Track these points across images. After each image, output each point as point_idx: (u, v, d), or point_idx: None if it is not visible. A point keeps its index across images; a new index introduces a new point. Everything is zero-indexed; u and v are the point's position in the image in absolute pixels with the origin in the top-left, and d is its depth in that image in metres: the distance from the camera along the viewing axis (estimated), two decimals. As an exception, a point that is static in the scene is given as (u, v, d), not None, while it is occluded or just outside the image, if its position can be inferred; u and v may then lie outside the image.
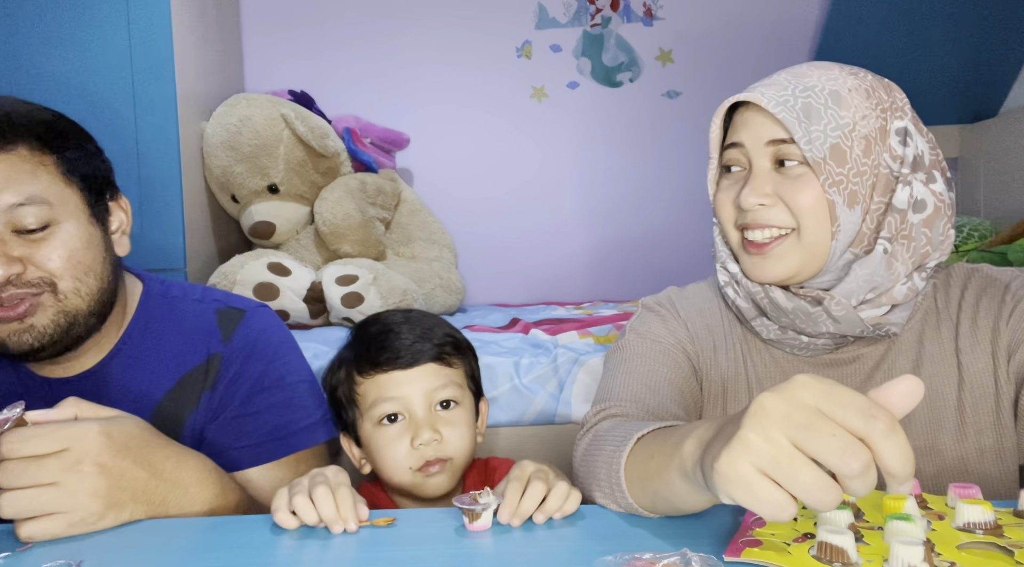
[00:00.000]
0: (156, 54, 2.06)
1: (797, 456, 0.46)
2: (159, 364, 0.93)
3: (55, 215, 0.81)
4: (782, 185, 0.80)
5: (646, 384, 0.86)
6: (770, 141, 0.80)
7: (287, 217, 2.30)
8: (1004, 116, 2.49)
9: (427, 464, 0.95)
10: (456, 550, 0.64)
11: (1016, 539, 0.58)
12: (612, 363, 0.92)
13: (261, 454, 0.93)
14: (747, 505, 0.48)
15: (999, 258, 1.88)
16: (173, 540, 0.68)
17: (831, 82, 0.80)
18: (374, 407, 0.96)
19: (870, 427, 0.45)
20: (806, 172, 0.79)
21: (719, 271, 0.90)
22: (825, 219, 0.79)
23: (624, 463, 0.68)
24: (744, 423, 0.49)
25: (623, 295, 2.77)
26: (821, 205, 0.78)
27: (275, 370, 0.96)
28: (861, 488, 0.45)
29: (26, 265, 0.79)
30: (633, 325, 0.95)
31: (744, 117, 0.83)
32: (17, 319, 0.79)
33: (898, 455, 0.45)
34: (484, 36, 2.76)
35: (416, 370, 0.97)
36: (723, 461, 0.49)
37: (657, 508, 0.67)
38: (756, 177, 0.81)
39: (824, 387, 0.47)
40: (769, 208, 0.80)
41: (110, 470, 0.70)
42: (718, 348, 0.92)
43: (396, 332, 0.99)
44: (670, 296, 0.98)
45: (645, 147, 2.80)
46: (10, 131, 0.80)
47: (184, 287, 1.00)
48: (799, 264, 0.81)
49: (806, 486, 0.45)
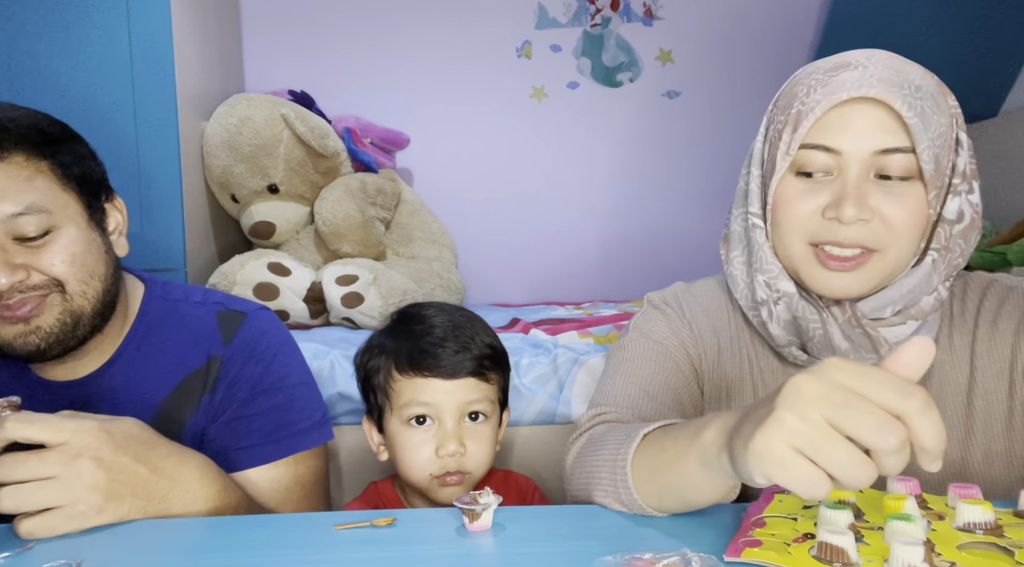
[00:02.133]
0: (156, 54, 2.06)
1: (833, 434, 0.47)
2: (160, 367, 0.93)
3: (55, 221, 0.81)
4: (881, 200, 0.74)
5: (644, 389, 0.85)
6: (878, 151, 0.73)
7: (287, 217, 2.30)
8: (1004, 116, 2.49)
9: (447, 474, 0.96)
10: (456, 550, 0.64)
11: (1016, 539, 0.58)
12: (613, 362, 0.91)
13: (261, 455, 0.93)
14: (782, 483, 0.48)
15: (999, 258, 1.88)
16: (173, 540, 0.68)
17: (926, 81, 0.75)
18: (406, 407, 0.97)
19: (907, 404, 0.46)
20: (911, 187, 0.74)
21: (759, 286, 0.82)
22: (915, 235, 0.75)
23: (631, 459, 0.68)
24: (779, 403, 0.49)
25: (623, 295, 2.77)
26: (916, 223, 0.74)
27: (275, 372, 0.97)
28: (896, 464, 0.46)
29: (30, 271, 0.79)
30: (637, 322, 0.93)
31: (852, 117, 0.73)
32: (23, 320, 0.80)
33: (933, 431, 0.46)
34: (484, 36, 2.76)
35: (455, 382, 0.97)
36: (758, 440, 0.49)
37: (665, 504, 0.66)
38: (857, 189, 0.73)
39: (857, 368, 0.48)
40: (866, 224, 0.74)
41: (109, 464, 0.70)
42: (723, 350, 0.89)
43: (441, 338, 0.99)
44: (676, 293, 0.95)
45: (645, 147, 2.80)
46: (4, 139, 0.79)
47: (185, 289, 1.00)
48: (879, 282, 0.77)
49: (842, 463, 0.46)
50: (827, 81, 0.75)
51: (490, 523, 0.68)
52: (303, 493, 0.95)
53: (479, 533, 0.67)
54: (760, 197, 0.82)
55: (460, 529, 0.68)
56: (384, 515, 0.71)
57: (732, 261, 0.87)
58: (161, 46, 2.07)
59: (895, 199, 0.74)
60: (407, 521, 0.71)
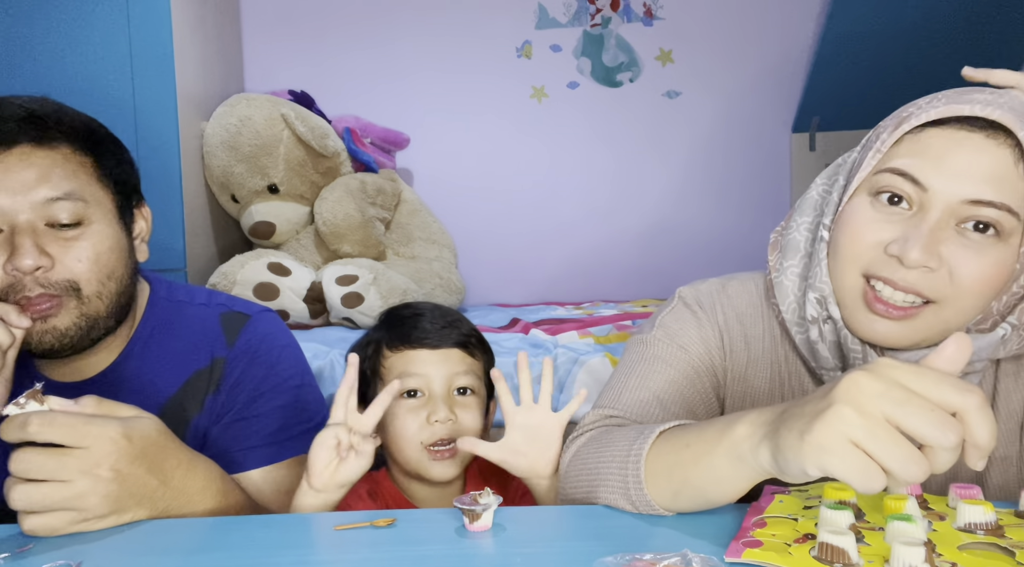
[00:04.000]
0: (156, 54, 2.06)
1: (892, 429, 0.48)
2: (165, 367, 0.94)
3: (88, 213, 0.84)
4: (955, 250, 0.66)
5: (657, 396, 0.81)
6: (970, 200, 0.65)
7: (287, 217, 2.30)
8: (1004, 116, 2.49)
9: (439, 442, 0.98)
10: (456, 550, 0.64)
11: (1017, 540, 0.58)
12: (631, 358, 0.85)
13: (263, 456, 0.93)
14: (838, 474, 0.49)
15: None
16: (173, 540, 0.68)
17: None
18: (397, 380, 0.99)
19: (966, 400, 0.48)
20: (991, 244, 0.66)
21: (810, 303, 0.75)
22: (984, 296, 0.67)
23: (645, 455, 0.67)
24: (838, 397, 0.50)
25: (623, 295, 2.77)
26: (990, 284, 0.67)
27: (278, 374, 0.97)
28: (948, 461, 0.48)
29: (54, 263, 0.82)
30: (665, 320, 0.86)
31: (947, 149, 0.66)
32: (40, 318, 0.81)
33: (989, 429, 0.48)
34: (484, 36, 2.76)
35: (442, 352, 1.01)
36: (817, 432, 0.50)
37: (678, 502, 0.66)
38: (933, 232, 0.66)
39: (914, 367, 0.50)
40: (931, 272, 0.66)
41: (125, 476, 0.71)
42: (751, 364, 0.84)
43: (428, 316, 1.05)
44: (712, 294, 0.87)
45: (645, 147, 2.80)
46: (55, 129, 0.84)
47: (189, 290, 1.01)
48: (927, 338, 0.70)
49: (900, 458, 0.48)
50: (956, 97, 0.68)
51: (490, 523, 0.68)
52: None
53: (479, 533, 0.67)
54: (836, 208, 0.75)
55: (460, 529, 0.68)
56: (384, 515, 0.71)
57: (785, 270, 0.79)
58: (161, 46, 2.07)
59: (974, 254, 0.66)
60: (407, 521, 0.71)
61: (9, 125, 0.81)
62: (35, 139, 0.82)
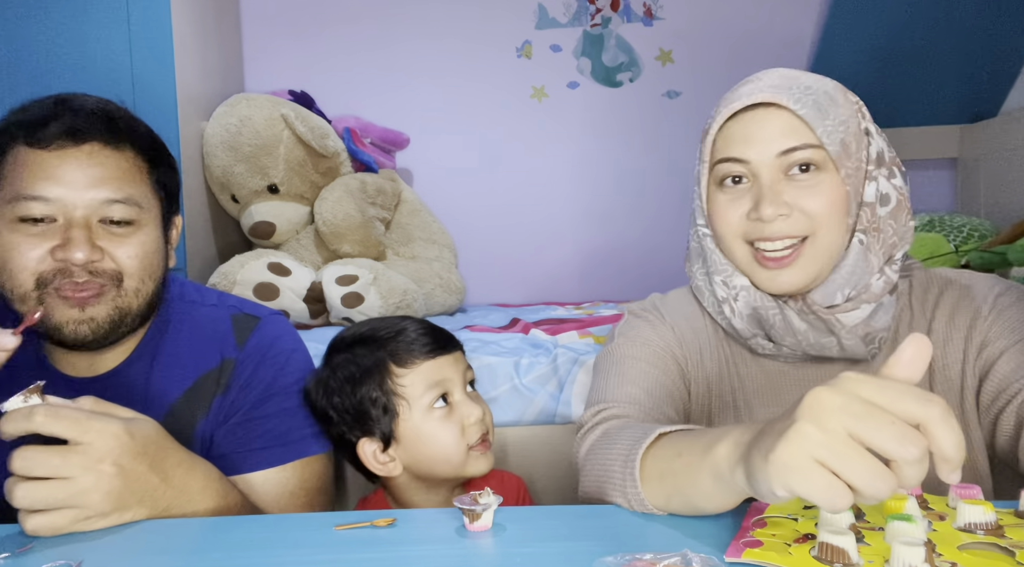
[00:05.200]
0: (156, 54, 2.06)
1: (855, 445, 0.47)
2: (175, 367, 0.94)
3: (140, 217, 0.86)
4: (795, 193, 0.81)
5: (640, 385, 0.87)
6: (780, 153, 0.81)
7: (287, 217, 2.30)
8: (1004, 116, 2.49)
9: (483, 437, 1.01)
10: (456, 550, 0.64)
11: (1017, 540, 0.58)
12: (603, 366, 0.93)
13: (267, 458, 0.93)
14: (804, 493, 0.48)
15: (999, 258, 1.88)
16: (173, 540, 0.68)
17: (818, 82, 0.83)
18: (426, 393, 0.99)
19: (928, 411, 0.46)
20: (817, 177, 0.81)
21: (717, 286, 0.89)
22: (838, 218, 0.81)
23: (640, 458, 0.68)
24: (800, 415, 0.50)
25: (623, 295, 2.77)
26: (835, 205, 0.81)
27: (286, 377, 0.98)
28: (916, 475, 0.47)
29: (104, 255, 0.83)
30: (621, 330, 0.96)
31: (750, 127, 0.83)
32: (79, 306, 0.83)
33: (953, 440, 0.46)
34: (484, 36, 2.76)
35: (454, 354, 1.03)
36: (780, 451, 0.49)
37: (671, 506, 0.67)
38: (771, 188, 0.81)
39: (875, 380, 0.49)
40: (787, 218, 0.81)
41: (128, 472, 0.71)
42: (703, 351, 0.93)
43: (414, 327, 1.03)
44: (654, 302, 1.00)
45: (645, 147, 2.80)
46: (125, 132, 0.86)
47: (200, 290, 1.01)
48: (818, 269, 0.83)
49: (864, 474, 0.47)
50: (729, 98, 0.85)
51: (490, 523, 0.68)
52: (307, 498, 0.95)
53: (479, 533, 0.67)
54: (703, 211, 0.90)
55: (460, 529, 0.68)
56: (384, 515, 0.71)
57: (695, 274, 0.94)
58: (161, 46, 2.07)
59: (809, 190, 0.81)
60: (407, 521, 0.71)
61: (82, 122, 0.83)
62: (106, 138, 0.84)
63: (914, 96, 2.60)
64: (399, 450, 1.00)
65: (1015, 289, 0.86)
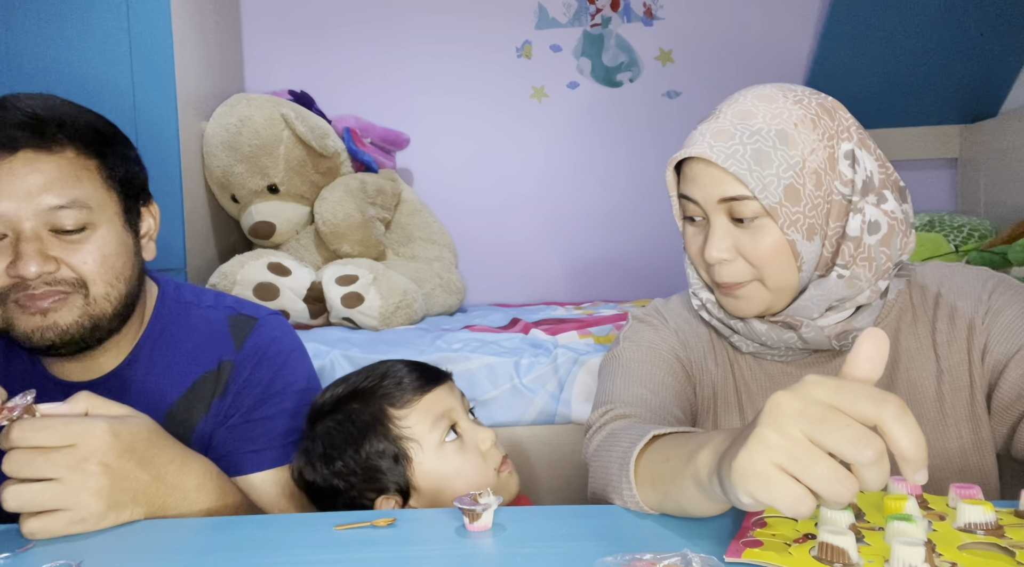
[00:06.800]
0: (156, 54, 2.06)
1: (813, 449, 0.47)
2: (173, 369, 0.94)
3: (93, 219, 0.82)
4: (740, 238, 0.81)
5: (646, 386, 0.88)
6: (722, 199, 0.80)
7: (287, 217, 2.30)
8: (1004, 116, 2.49)
9: (504, 457, 0.96)
10: (456, 550, 0.64)
11: (1017, 540, 0.58)
12: (609, 369, 0.93)
13: (267, 459, 0.93)
14: (766, 500, 0.48)
15: (999, 258, 1.88)
16: (173, 540, 0.68)
17: (776, 120, 0.79)
18: (435, 428, 0.92)
19: (881, 410, 0.46)
20: (762, 223, 0.79)
21: (691, 296, 0.93)
22: (787, 260, 0.80)
23: (634, 460, 0.69)
24: (760, 421, 0.49)
25: (623, 295, 2.77)
26: (781, 249, 0.80)
27: (284, 377, 0.97)
28: (876, 478, 0.46)
29: (60, 265, 0.81)
30: (626, 334, 0.97)
31: (694, 172, 0.82)
32: (41, 313, 0.80)
33: (910, 437, 0.45)
34: (484, 36, 2.76)
35: (447, 384, 0.97)
36: (741, 459, 0.49)
37: (664, 508, 0.68)
38: (715, 234, 0.82)
39: (833, 382, 0.48)
40: (731, 263, 0.82)
41: (114, 470, 0.71)
42: (707, 354, 0.94)
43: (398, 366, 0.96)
44: (657, 307, 1.01)
45: (645, 147, 2.80)
46: (61, 133, 0.81)
47: (197, 292, 1.00)
48: (768, 303, 0.84)
49: (823, 478, 0.46)
50: (689, 137, 0.83)
51: (490, 523, 0.68)
52: (306, 499, 0.95)
53: (479, 533, 0.67)
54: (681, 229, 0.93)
55: (460, 529, 0.68)
56: (384, 515, 0.71)
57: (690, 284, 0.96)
58: (161, 46, 2.07)
59: (749, 235, 0.80)
60: (407, 521, 0.71)
61: (11, 131, 0.79)
62: (38, 144, 0.80)
63: (914, 96, 2.60)
64: (420, 499, 0.92)
65: (1005, 284, 0.86)
